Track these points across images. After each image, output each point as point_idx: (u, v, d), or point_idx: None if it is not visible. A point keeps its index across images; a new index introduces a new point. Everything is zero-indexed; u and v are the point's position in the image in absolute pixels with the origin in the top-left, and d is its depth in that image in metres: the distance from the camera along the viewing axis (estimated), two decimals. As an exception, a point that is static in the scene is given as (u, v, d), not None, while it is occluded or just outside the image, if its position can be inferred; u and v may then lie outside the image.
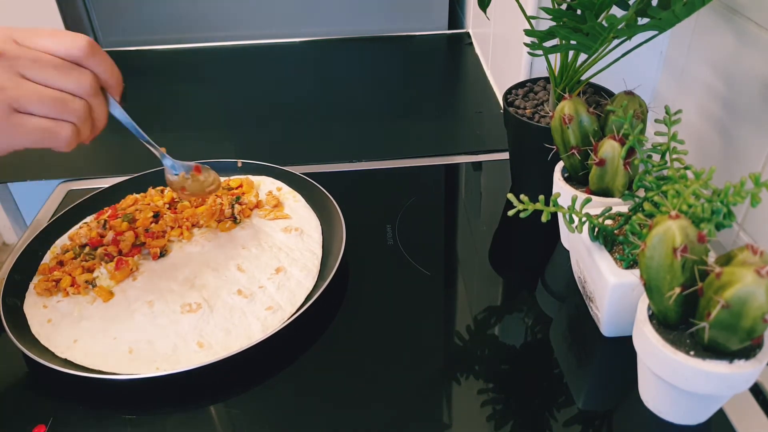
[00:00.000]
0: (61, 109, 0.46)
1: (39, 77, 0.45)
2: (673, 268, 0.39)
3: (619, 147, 0.52)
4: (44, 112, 0.45)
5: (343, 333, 0.55)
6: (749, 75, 0.56)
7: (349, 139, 0.86)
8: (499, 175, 0.77)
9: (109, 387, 0.51)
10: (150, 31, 1.17)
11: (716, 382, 0.40)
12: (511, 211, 0.46)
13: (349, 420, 0.47)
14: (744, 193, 0.40)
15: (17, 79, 0.44)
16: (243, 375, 0.51)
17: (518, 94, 0.69)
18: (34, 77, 0.45)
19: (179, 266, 0.60)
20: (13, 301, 0.57)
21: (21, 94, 0.44)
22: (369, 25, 1.19)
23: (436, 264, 0.62)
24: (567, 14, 0.54)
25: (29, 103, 0.45)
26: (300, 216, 0.67)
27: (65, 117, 0.46)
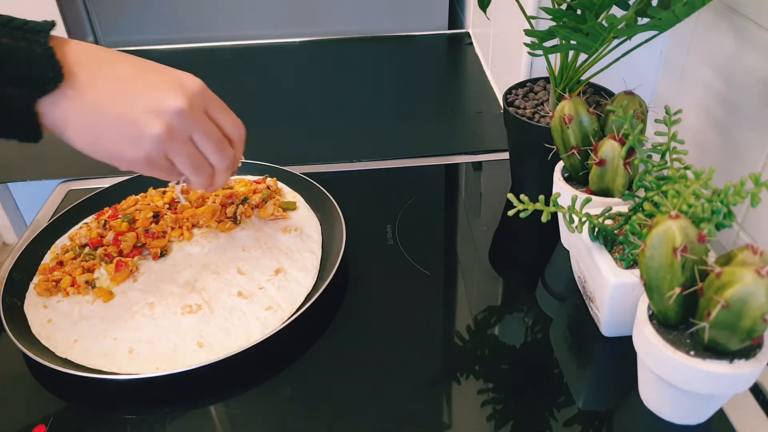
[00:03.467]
0: (198, 172, 0.51)
1: (201, 144, 0.50)
2: (673, 268, 0.39)
3: (619, 147, 0.52)
4: (183, 169, 0.51)
5: (343, 333, 0.55)
6: (749, 75, 0.56)
7: (349, 139, 0.86)
8: (499, 175, 0.77)
9: (109, 387, 0.51)
10: (150, 31, 1.17)
11: (716, 382, 0.40)
12: (511, 211, 0.46)
13: (349, 420, 0.47)
14: (744, 193, 0.40)
15: (186, 138, 0.49)
16: (243, 375, 0.51)
17: (518, 94, 0.69)
18: (197, 142, 0.50)
19: (179, 267, 0.60)
20: (13, 301, 0.57)
21: (179, 151, 0.49)
22: (369, 25, 1.19)
23: (436, 264, 0.62)
24: (567, 14, 0.54)
25: (180, 160, 0.50)
26: (300, 216, 0.67)
27: (194, 176, 0.52)
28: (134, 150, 0.47)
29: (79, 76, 0.46)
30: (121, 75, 0.48)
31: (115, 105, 0.46)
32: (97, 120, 0.46)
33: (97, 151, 0.48)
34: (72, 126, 0.46)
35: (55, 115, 0.45)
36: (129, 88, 0.47)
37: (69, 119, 0.46)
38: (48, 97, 0.44)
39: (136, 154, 0.47)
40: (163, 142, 0.47)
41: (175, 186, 0.67)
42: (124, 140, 0.47)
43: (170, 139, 0.48)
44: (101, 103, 0.46)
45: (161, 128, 0.47)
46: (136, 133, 0.47)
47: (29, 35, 0.44)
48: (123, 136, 0.47)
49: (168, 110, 0.47)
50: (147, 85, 0.48)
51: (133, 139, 0.47)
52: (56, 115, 0.45)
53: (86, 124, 0.46)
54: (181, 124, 0.48)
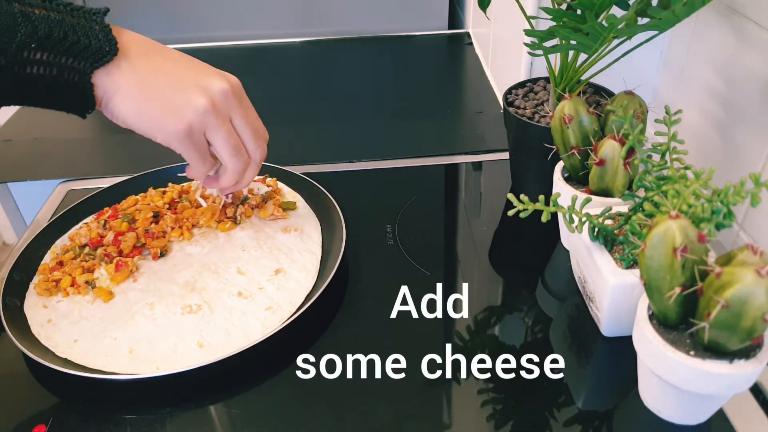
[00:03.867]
0: (235, 154, 0.53)
1: (240, 128, 0.54)
2: (673, 268, 0.39)
3: (619, 147, 0.52)
4: (221, 148, 0.53)
5: (343, 333, 0.55)
6: (749, 75, 0.56)
7: (349, 139, 0.86)
8: (499, 175, 0.77)
9: (109, 387, 0.51)
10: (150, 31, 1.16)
11: (716, 382, 0.40)
12: (511, 211, 0.46)
13: (349, 420, 0.47)
14: (744, 193, 0.40)
15: (227, 117, 0.52)
16: (243, 375, 0.51)
17: (518, 94, 0.69)
18: (237, 126, 0.53)
19: (179, 267, 0.60)
20: (13, 301, 0.57)
21: (220, 128, 0.51)
22: (369, 25, 1.19)
23: (436, 264, 0.62)
24: (567, 14, 0.54)
25: (219, 138, 0.52)
26: (300, 216, 0.67)
27: (231, 159, 0.53)
28: (178, 119, 0.49)
29: (133, 52, 0.49)
30: (173, 57, 0.52)
31: (166, 76, 0.50)
32: (147, 88, 0.49)
33: (141, 118, 0.49)
34: (122, 92, 0.48)
35: (107, 84, 0.48)
36: (179, 66, 0.52)
37: (121, 85, 0.48)
38: (103, 69, 0.47)
39: (177, 125, 0.49)
40: (207, 113, 0.50)
41: (197, 187, 0.67)
42: (170, 109, 0.49)
43: (213, 113, 0.50)
44: (153, 74, 0.50)
45: (207, 101, 0.50)
46: (183, 102, 0.50)
47: (88, 15, 0.48)
48: (169, 104, 0.49)
49: (214, 88, 0.51)
50: (196, 67, 0.53)
51: (179, 108, 0.49)
52: (108, 83, 0.48)
53: (136, 92, 0.49)
54: (224, 103, 0.52)
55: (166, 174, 0.72)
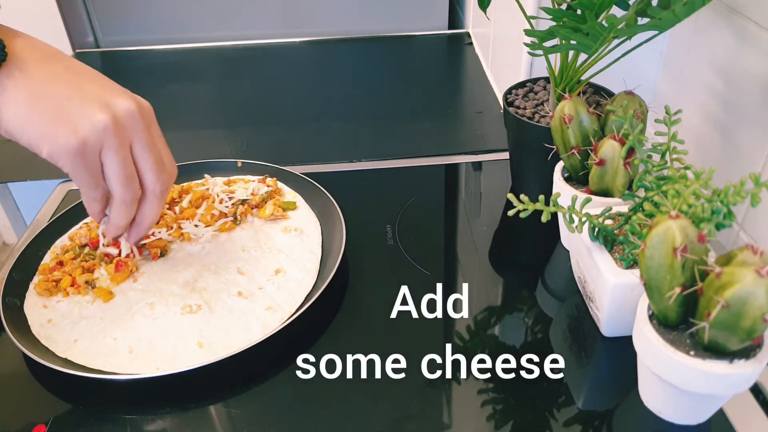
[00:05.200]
0: (126, 184, 0.48)
1: (140, 156, 0.48)
2: (673, 268, 0.39)
3: (619, 147, 0.52)
4: (110, 174, 0.47)
5: (343, 333, 0.55)
6: (749, 75, 0.56)
7: (349, 139, 0.86)
8: (499, 175, 0.77)
9: (109, 387, 0.51)
10: (150, 31, 1.17)
11: (716, 382, 0.40)
12: (511, 211, 0.46)
13: (349, 420, 0.47)
14: (744, 193, 0.40)
15: (127, 140, 0.47)
16: (243, 375, 0.51)
17: (518, 94, 0.69)
18: (137, 153, 0.48)
19: (179, 267, 0.60)
20: (13, 301, 0.57)
21: (116, 150, 0.46)
22: (369, 25, 1.19)
23: (436, 264, 0.62)
24: (567, 14, 0.54)
25: (113, 163, 0.47)
26: (300, 216, 0.67)
27: (121, 188, 0.48)
28: (70, 132, 0.44)
29: (28, 58, 0.44)
30: (77, 69, 0.47)
31: (65, 86, 0.45)
32: (39, 94, 0.44)
33: (26, 126, 0.44)
34: (7, 96, 0.43)
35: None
36: (83, 78, 0.47)
37: (6, 88, 0.43)
38: None
39: (70, 138, 0.44)
40: (107, 131, 0.45)
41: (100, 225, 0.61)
42: (63, 120, 0.44)
43: (114, 132, 0.45)
44: (49, 81, 0.45)
45: (108, 118, 0.45)
46: (81, 115, 0.44)
47: None
48: (64, 115, 0.44)
49: (119, 107, 0.46)
50: (103, 83, 0.48)
51: (75, 121, 0.44)
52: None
53: (24, 96, 0.43)
54: (128, 124, 0.47)
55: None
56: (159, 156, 0.50)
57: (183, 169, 0.72)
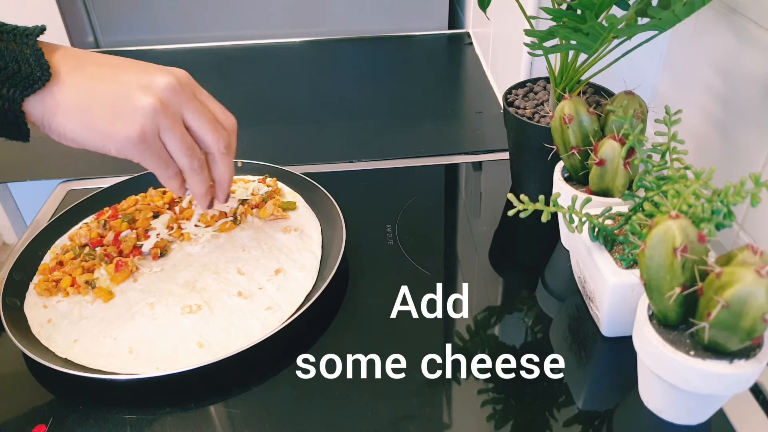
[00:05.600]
0: (190, 155, 0.50)
1: (194, 123, 0.50)
2: (673, 268, 0.39)
3: (619, 147, 0.52)
4: (173, 151, 0.50)
5: (343, 333, 0.55)
6: (749, 75, 0.56)
7: (349, 139, 0.86)
8: (499, 175, 0.77)
9: (109, 387, 0.51)
10: (150, 31, 1.17)
11: (716, 382, 0.40)
12: (511, 211, 0.46)
13: (349, 420, 0.47)
14: (744, 193, 0.40)
15: (178, 115, 0.49)
16: (243, 375, 0.51)
17: (518, 94, 0.69)
18: (190, 122, 0.50)
19: (179, 268, 0.60)
20: (13, 301, 0.57)
21: (172, 128, 0.48)
22: (369, 25, 1.19)
23: (436, 264, 0.62)
24: (567, 14, 0.54)
25: (172, 140, 0.49)
26: (300, 216, 0.67)
27: (186, 160, 0.50)
28: (128, 125, 0.46)
29: (65, 70, 0.46)
30: (110, 63, 0.49)
31: (106, 84, 0.47)
32: (88, 100, 0.46)
33: (89, 134, 0.47)
34: (62, 111, 0.46)
35: (43, 108, 0.46)
36: (118, 71, 0.48)
37: (60, 103, 0.45)
38: (35, 96, 0.45)
39: (129, 131, 0.46)
40: (157, 114, 0.47)
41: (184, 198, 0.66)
42: (117, 117, 0.46)
43: (163, 112, 0.47)
44: (92, 85, 0.47)
45: (154, 100, 0.47)
46: (130, 107, 0.46)
47: (19, 38, 0.45)
48: (116, 112, 0.46)
49: (159, 86, 0.48)
50: (137, 68, 0.49)
51: (127, 114, 0.46)
52: (45, 107, 0.45)
53: (77, 106, 0.46)
54: (173, 100, 0.48)
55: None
56: (211, 117, 0.52)
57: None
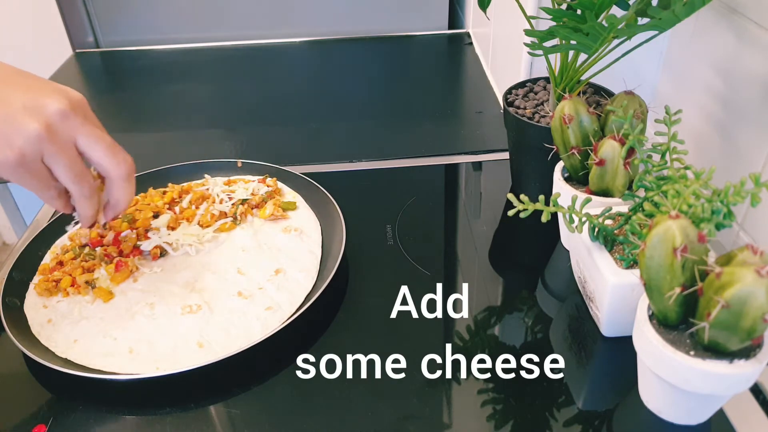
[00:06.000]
0: (80, 181, 0.48)
1: (89, 148, 0.47)
2: (673, 268, 0.39)
3: (619, 147, 0.52)
4: (63, 177, 0.47)
5: (343, 333, 0.55)
6: (749, 75, 0.56)
7: (349, 139, 0.86)
8: (499, 175, 0.77)
9: (109, 387, 0.51)
10: (150, 31, 1.17)
11: (716, 382, 0.40)
12: (511, 211, 0.46)
13: (349, 420, 0.47)
14: (744, 193, 0.40)
15: (69, 141, 0.46)
16: (243, 375, 0.51)
17: (518, 94, 0.69)
18: (82, 147, 0.47)
19: (179, 268, 0.60)
20: (13, 301, 0.57)
21: (60, 154, 0.46)
22: (369, 25, 1.19)
23: (436, 264, 0.62)
24: (567, 14, 0.54)
25: (60, 165, 0.46)
26: (300, 216, 0.67)
27: (75, 186, 0.48)
28: (6, 149, 0.43)
29: None
30: (4, 76, 0.46)
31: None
32: None
33: None
34: None
35: None
36: (5, 87, 0.45)
37: None
38: None
39: (6, 154, 0.44)
40: (41, 141, 0.44)
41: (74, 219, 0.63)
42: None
43: (50, 139, 0.45)
44: None
45: (40, 126, 0.44)
46: (11, 130, 0.44)
47: None
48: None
49: (49, 110, 0.45)
50: (27, 85, 0.46)
51: (6, 136, 0.44)
52: None
53: None
54: (63, 125, 0.46)
55: (166, 174, 0.72)
56: (109, 141, 0.49)
57: (183, 169, 0.72)
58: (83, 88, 1.05)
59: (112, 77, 1.10)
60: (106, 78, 1.11)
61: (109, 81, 1.09)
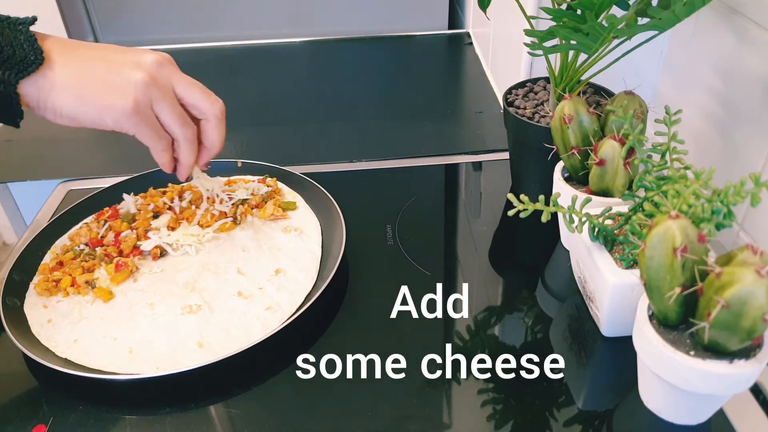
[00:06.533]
0: (183, 124, 0.54)
1: (186, 93, 0.54)
2: (673, 268, 0.39)
3: (619, 147, 0.52)
4: (167, 120, 0.53)
5: (343, 333, 0.55)
6: (749, 75, 0.56)
7: (349, 139, 0.86)
8: (499, 175, 0.77)
9: (109, 387, 0.51)
10: (150, 31, 1.17)
11: (716, 382, 0.40)
12: (511, 211, 0.46)
13: (349, 420, 0.47)
14: (744, 193, 0.40)
15: (169, 86, 0.53)
16: (243, 375, 0.51)
17: (518, 94, 0.69)
18: (181, 92, 0.54)
19: (179, 268, 0.60)
20: (13, 301, 0.57)
21: (164, 98, 0.52)
22: (369, 25, 1.19)
23: (436, 264, 0.62)
24: (567, 14, 0.54)
25: (165, 109, 0.52)
26: (300, 216, 0.67)
27: (180, 129, 0.54)
28: (122, 98, 0.49)
29: (57, 54, 0.49)
30: (99, 46, 0.53)
31: (97, 62, 0.50)
32: (82, 76, 0.49)
33: (85, 108, 0.49)
34: (58, 88, 0.49)
35: (39, 88, 0.48)
36: (106, 51, 0.52)
37: (55, 83, 0.48)
38: (29, 79, 0.48)
39: (123, 102, 0.49)
40: (148, 86, 0.50)
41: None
42: (111, 90, 0.49)
43: (154, 85, 0.51)
44: (84, 63, 0.50)
45: (145, 74, 0.50)
46: (122, 81, 0.50)
47: (12, 26, 0.48)
48: (109, 86, 0.49)
49: (147, 62, 0.52)
50: (123, 50, 0.53)
51: (120, 87, 0.50)
52: (40, 87, 0.48)
53: (72, 83, 0.49)
54: (162, 73, 0.52)
55: (166, 174, 0.72)
56: (201, 85, 0.56)
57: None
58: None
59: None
60: (106, 78, 1.11)
61: (109, 81, 1.09)
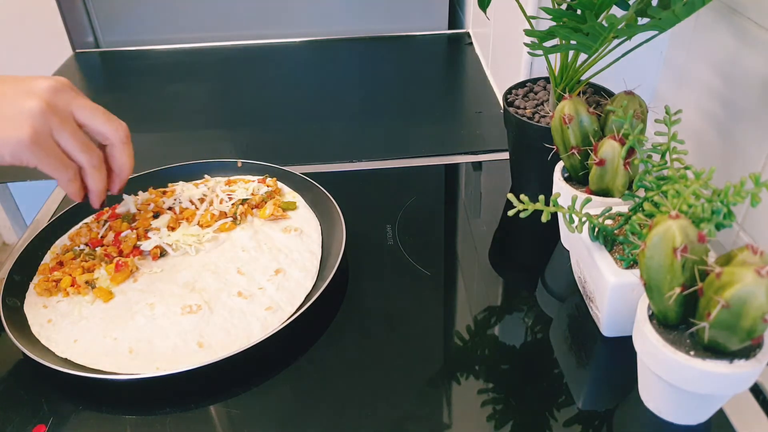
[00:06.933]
0: (87, 151, 0.52)
1: (87, 119, 0.52)
2: (673, 268, 0.39)
3: (619, 147, 0.52)
4: (69, 149, 0.51)
5: (343, 333, 0.55)
6: (749, 75, 0.56)
7: (349, 139, 0.86)
8: (499, 175, 0.77)
9: (109, 387, 0.51)
10: (150, 31, 1.17)
11: (716, 382, 0.40)
12: (511, 211, 0.46)
13: (349, 420, 0.47)
14: (744, 193, 0.40)
15: (68, 113, 0.51)
16: (243, 375, 0.51)
17: (518, 94, 0.69)
18: (81, 118, 0.52)
19: (179, 268, 0.60)
20: (13, 301, 0.57)
21: (64, 126, 0.50)
22: (369, 25, 1.19)
23: (436, 264, 0.62)
24: (567, 14, 0.54)
25: (66, 138, 0.50)
26: (300, 216, 0.67)
27: (84, 156, 0.52)
28: (17, 128, 0.47)
29: None
30: None
31: None
32: None
33: None
34: None
35: None
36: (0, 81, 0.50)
37: None
38: None
39: (20, 133, 0.47)
40: (45, 114, 0.48)
41: None
42: (4, 122, 0.48)
43: (51, 112, 0.49)
44: None
45: (40, 102, 0.49)
46: (16, 110, 0.48)
47: None
48: (3, 118, 0.48)
49: (41, 88, 0.50)
50: (14, 79, 0.51)
51: (14, 117, 0.48)
52: None
53: None
54: (58, 99, 0.50)
55: (166, 174, 0.72)
56: (102, 110, 0.54)
57: (184, 169, 0.72)
58: (83, 88, 1.05)
59: (112, 77, 1.10)
60: (106, 78, 1.11)
61: (109, 81, 1.09)
